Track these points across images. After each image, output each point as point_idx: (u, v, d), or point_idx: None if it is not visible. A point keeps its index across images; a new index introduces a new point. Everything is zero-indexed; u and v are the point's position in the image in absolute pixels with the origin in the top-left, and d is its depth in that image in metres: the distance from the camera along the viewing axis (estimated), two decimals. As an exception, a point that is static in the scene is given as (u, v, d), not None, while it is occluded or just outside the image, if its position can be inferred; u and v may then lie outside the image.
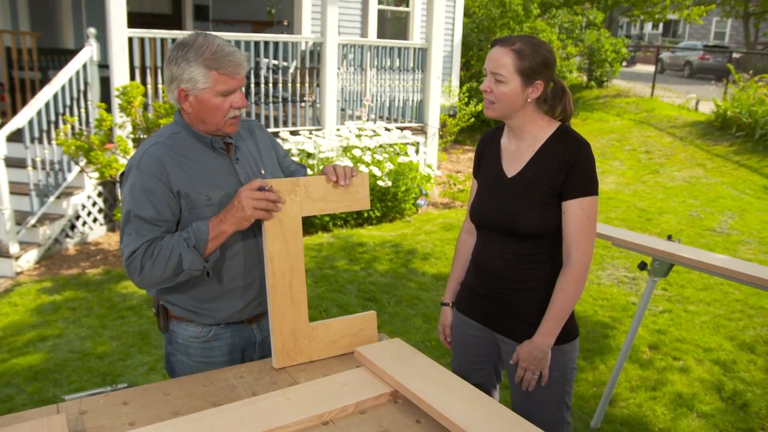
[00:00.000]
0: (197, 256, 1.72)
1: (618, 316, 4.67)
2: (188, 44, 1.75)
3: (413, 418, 1.58)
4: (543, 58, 1.86)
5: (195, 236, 1.72)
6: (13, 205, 5.30)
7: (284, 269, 1.79)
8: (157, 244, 1.73)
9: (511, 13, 11.90)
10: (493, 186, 2.02)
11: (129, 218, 1.76)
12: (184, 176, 1.80)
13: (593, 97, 14.29)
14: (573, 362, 2.01)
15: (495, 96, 1.89)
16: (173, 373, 2.04)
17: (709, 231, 6.89)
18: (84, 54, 5.96)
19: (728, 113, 10.84)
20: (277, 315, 1.79)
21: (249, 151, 1.96)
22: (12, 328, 4.28)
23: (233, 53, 1.76)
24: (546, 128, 1.94)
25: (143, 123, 5.55)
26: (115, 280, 5.13)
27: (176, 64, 1.75)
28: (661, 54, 23.51)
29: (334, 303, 4.74)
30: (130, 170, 1.80)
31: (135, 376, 3.65)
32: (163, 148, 1.81)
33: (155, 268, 1.72)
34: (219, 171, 1.86)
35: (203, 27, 10.20)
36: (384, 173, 6.87)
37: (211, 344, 1.96)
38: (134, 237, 1.75)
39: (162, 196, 1.77)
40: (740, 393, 3.59)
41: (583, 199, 1.87)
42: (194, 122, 1.84)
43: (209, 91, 1.76)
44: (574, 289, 1.88)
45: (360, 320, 1.93)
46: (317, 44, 7.41)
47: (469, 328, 2.13)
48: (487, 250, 2.04)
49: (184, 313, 1.93)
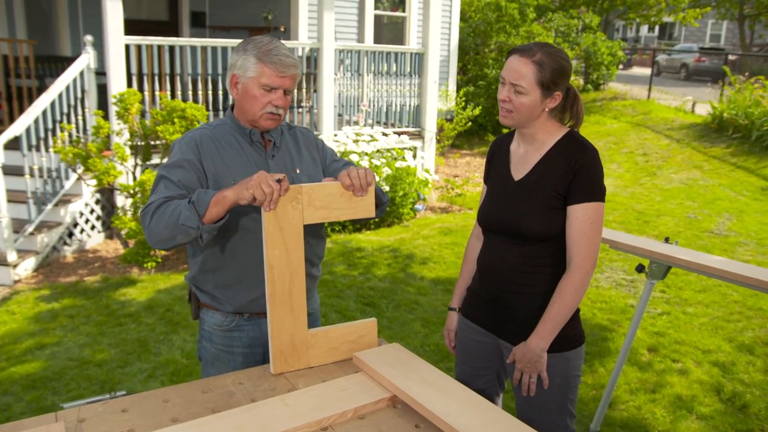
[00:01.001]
0: (194, 213, 1.72)
1: (617, 318, 4.67)
2: (254, 41, 1.93)
3: (412, 423, 1.58)
4: (562, 69, 1.87)
5: (198, 197, 1.75)
6: (10, 213, 5.29)
7: (284, 277, 1.78)
8: (169, 202, 1.79)
9: (508, 18, 11.94)
10: (500, 189, 2.03)
11: (158, 180, 1.88)
12: (218, 159, 1.93)
13: (590, 101, 14.32)
14: (577, 370, 1.99)
15: (513, 105, 1.88)
16: (201, 358, 2.16)
17: (707, 233, 6.90)
18: (81, 61, 5.97)
19: (725, 115, 10.87)
20: (275, 322, 1.79)
21: (288, 151, 2.05)
22: (10, 336, 4.27)
23: (286, 56, 1.91)
24: (555, 133, 1.95)
25: (140, 130, 5.56)
26: (114, 288, 5.13)
27: (237, 53, 1.93)
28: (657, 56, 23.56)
29: (333, 308, 4.74)
30: (173, 147, 1.96)
31: (134, 384, 3.64)
32: (207, 132, 1.98)
33: (159, 222, 1.77)
34: (251, 161, 1.97)
35: (200, 34, 10.21)
36: (382, 178, 6.88)
37: (232, 334, 2.04)
38: (155, 195, 1.84)
39: (192, 168, 1.89)
40: (740, 394, 3.59)
41: (587, 205, 1.86)
42: (238, 113, 1.99)
43: (254, 81, 1.90)
44: (572, 294, 1.87)
45: (360, 327, 1.93)
46: (314, 50, 7.43)
47: (473, 332, 2.13)
48: (491, 253, 2.04)
49: (209, 300, 2.03)
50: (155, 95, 6.25)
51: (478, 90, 11.65)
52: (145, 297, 4.94)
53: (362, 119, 7.90)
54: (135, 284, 5.21)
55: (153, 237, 1.80)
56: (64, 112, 5.88)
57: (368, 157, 7.08)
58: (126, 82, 6.07)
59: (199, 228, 1.73)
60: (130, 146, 5.70)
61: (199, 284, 2.04)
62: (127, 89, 5.62)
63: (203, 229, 1.73)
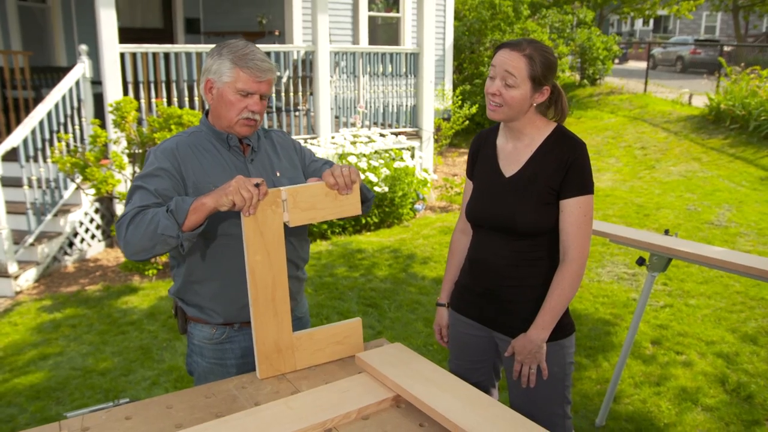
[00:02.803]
0: (173, 222, 1.68)
1: (619, 312, 4.67)
2: (229, 44, 1.89)
3: (416, 422, 1.58)
4: (551, 64, 1.90)
5: (176, 205, 1.70)
6: (10, 224, 5.29)
7: (266, 282, 1.78)
8: (145, 212, 1.74)
9: (502, 15, 11.94)
10: (490, 186, 2.04)
11: (133, 190, 1.83)
12: (196, 166, 1.89)
13: (586, 96, 14.33)
14: (571, 357, 2.05)
15: (503, 99, 1.90)
16: (191, 373, 2.10)
17: (708, 224, 6.90)
18: (76, 71, 5.97)
19: (722, 106, 10.87)
20: (259, 327, 1.78)
21: (267, 154, 2.02)
22: (13, 347, 4.27)
23: (262, 60, 1.87)
24: (543, 129, 1.98)
25: (138, 138, 5.55)
26: (115, 296, 5.12)
27: (211, 57, 1.89)
28: (653, 50, 23.57)
29: (335, 310, 4.73)
30: (148, 155, 1.91)
31: (137, 391, 3.64)
32: (183, 139, 1.94)
33: (136, 232, 1.70)
34: (231, 166, 1.93)
35: (195, 40, 10.22)
36: (380, 179, 6.87)
37: (223, 346, 1.99)
38: (130, 205, 1.78)
39: (168, 177, 1.84)
40: (744, 385, 3.59)
41: (580, 198, 1.91)
42: (214, 119, 1.95)
43: (230, 86, 1.86)
44: (570, 285, 1.91)
45: (345, 328, 1.92)
46: (309, 53, 7.43)
47: (466, 327, 2.15)
48: (484, 249, 2.06)
49: (196, 312, 1.98)
50: (151, 102, 6.25)
51: (475, 88, 11.65)
52: (147, 304, 4.94)
53: (359, 121, 7.89)
54: (136, 292, 5.21)
55: (129, 248, 1.73)
56: (61, 122, 5.88)
57: (366, 159, 7.08)
58: (122, 91, 6.07)
59: (179, 237, 1.69)
60: (127, 154, 5.70)
61: (184, 297, 1.99)
62: (123, 97, 5.61)
63: (183, 237, 1.69)
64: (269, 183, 1.94)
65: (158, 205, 1.77)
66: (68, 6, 9.10)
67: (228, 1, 10.68)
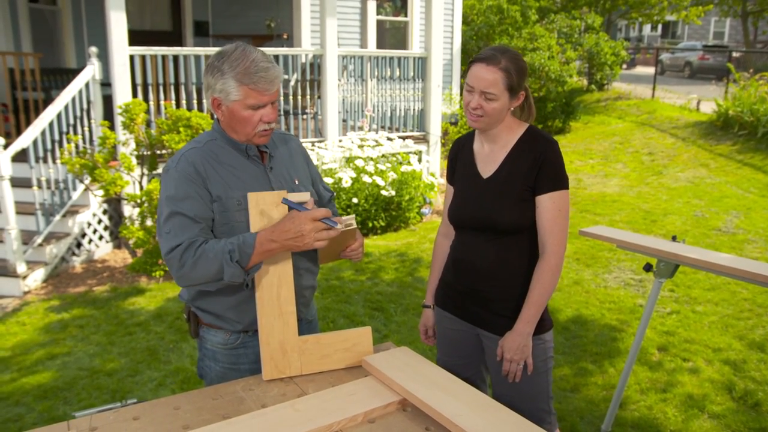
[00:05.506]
0: (238, 269, 1.70)
1: (626, 318, 4.66)
2: (225, 55, 1.80)
3: (422, 425, 1.59)
4: (524, 70, 2.00)
5: (239, 250, 1.70)
6: (19, 224, 5.33)
7: (272, 280, 1.80)
8: (201, 246, 1.73)
9: (510, 20, 11.96)
10: (469, 188, 2.13)
11: (169, 217, 1.78)
12: (219, 180, 1.84)
13: (594, 101, 14.31)
14: (551, 351, 2.12)
15: (485, 111, 1.99)
16: (203, 377, 2.07)
17: (715, 231, 6.87)
18: (86, 73, 6.01)
19: (730, 112, 10.83)
20: (264, 326, 1.80)
21: (282, 160, 2.00)
22: (21, 347, 4.30)
23: (267, 69, 1.78)
24: (516, 130, 2.08)
25: (146, 140, 5.59)
26: (123, 297, 5.15)
27: (212, 74, 1.82)
28: (661, 55, 23.53)
29: (341, 314, 4.74)
30: (168, 173, 1.85)
31: (144, 392, 3.65)
32: (200, 152, 1.86)
33: (196, 269, 1.72)
34: (253, 177, 1.90)
35: (203, 43, 10.26)
36: (387, 183, 6.88)
37: (238, 351, 1.98)
38: (175, 234, 1.76)
39: (200, 196, 1.81)
40: (751, 392, 3.57)
41: (553, 194, 1.99)
42: (228, 130, 1.90)
43: (240, 103, 1.80)
44: (550, 278, 1.99)
45: (354, 335, 1.90)
46: (317, 56, 7.45)
47: (451, 323, 2.23)
48: (466, 248, 2.14)
49: (213, 320, 1.95)
50: (160, 105, 6.28)
51: (482, 93, 11.63)
52: (154, 306, 4.96)
53: (367, 124, 7.91)
54: (144, 293, 5.23)
55: (186, 281, 1.75)
56: (71, 124, 5.92)
57: (373, 162, 7.09)
58: (131, 93, 6.11)
59: (245, 280, 1.74)
60: (136, 156, 5.73)
61: (200, 306, 1.96)
62: (133, 99, 5.65)
63: (248, 279, 1.75)
64: (289, 191, 1.93)
65: (202, 229, 1.78)
66: (78, 8, 9.16)
67: (237, 4, 10.73)
